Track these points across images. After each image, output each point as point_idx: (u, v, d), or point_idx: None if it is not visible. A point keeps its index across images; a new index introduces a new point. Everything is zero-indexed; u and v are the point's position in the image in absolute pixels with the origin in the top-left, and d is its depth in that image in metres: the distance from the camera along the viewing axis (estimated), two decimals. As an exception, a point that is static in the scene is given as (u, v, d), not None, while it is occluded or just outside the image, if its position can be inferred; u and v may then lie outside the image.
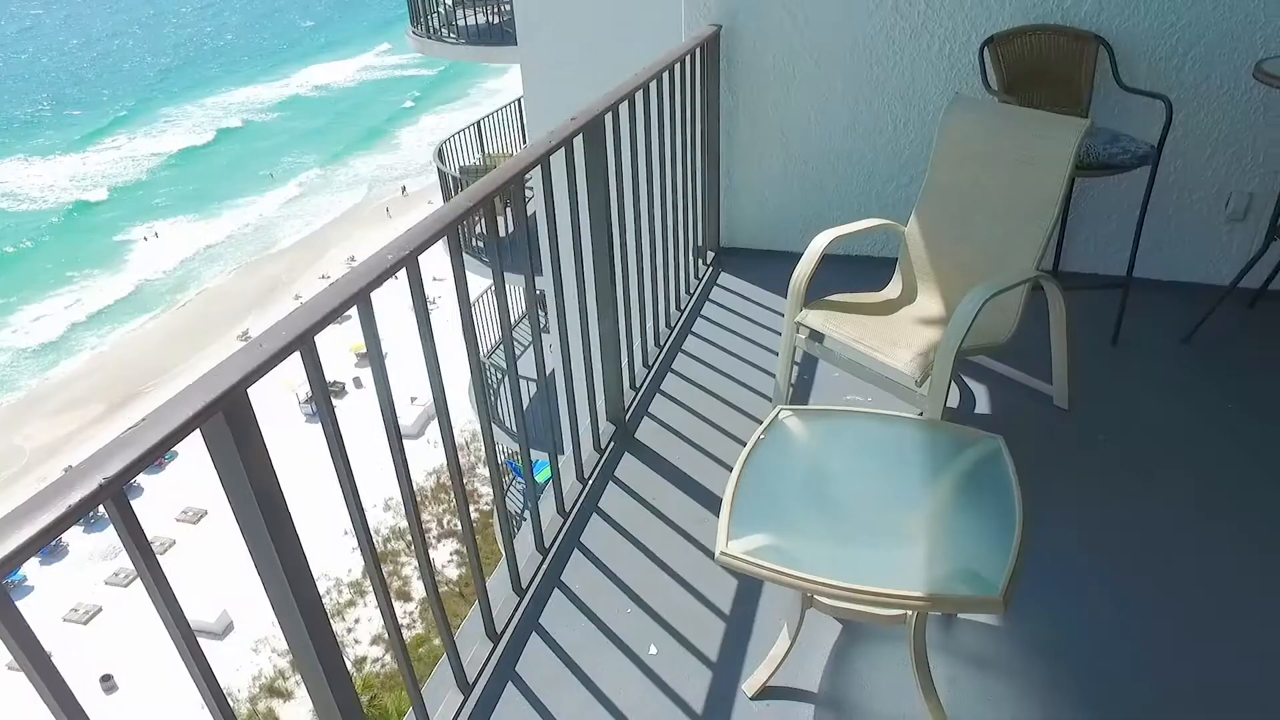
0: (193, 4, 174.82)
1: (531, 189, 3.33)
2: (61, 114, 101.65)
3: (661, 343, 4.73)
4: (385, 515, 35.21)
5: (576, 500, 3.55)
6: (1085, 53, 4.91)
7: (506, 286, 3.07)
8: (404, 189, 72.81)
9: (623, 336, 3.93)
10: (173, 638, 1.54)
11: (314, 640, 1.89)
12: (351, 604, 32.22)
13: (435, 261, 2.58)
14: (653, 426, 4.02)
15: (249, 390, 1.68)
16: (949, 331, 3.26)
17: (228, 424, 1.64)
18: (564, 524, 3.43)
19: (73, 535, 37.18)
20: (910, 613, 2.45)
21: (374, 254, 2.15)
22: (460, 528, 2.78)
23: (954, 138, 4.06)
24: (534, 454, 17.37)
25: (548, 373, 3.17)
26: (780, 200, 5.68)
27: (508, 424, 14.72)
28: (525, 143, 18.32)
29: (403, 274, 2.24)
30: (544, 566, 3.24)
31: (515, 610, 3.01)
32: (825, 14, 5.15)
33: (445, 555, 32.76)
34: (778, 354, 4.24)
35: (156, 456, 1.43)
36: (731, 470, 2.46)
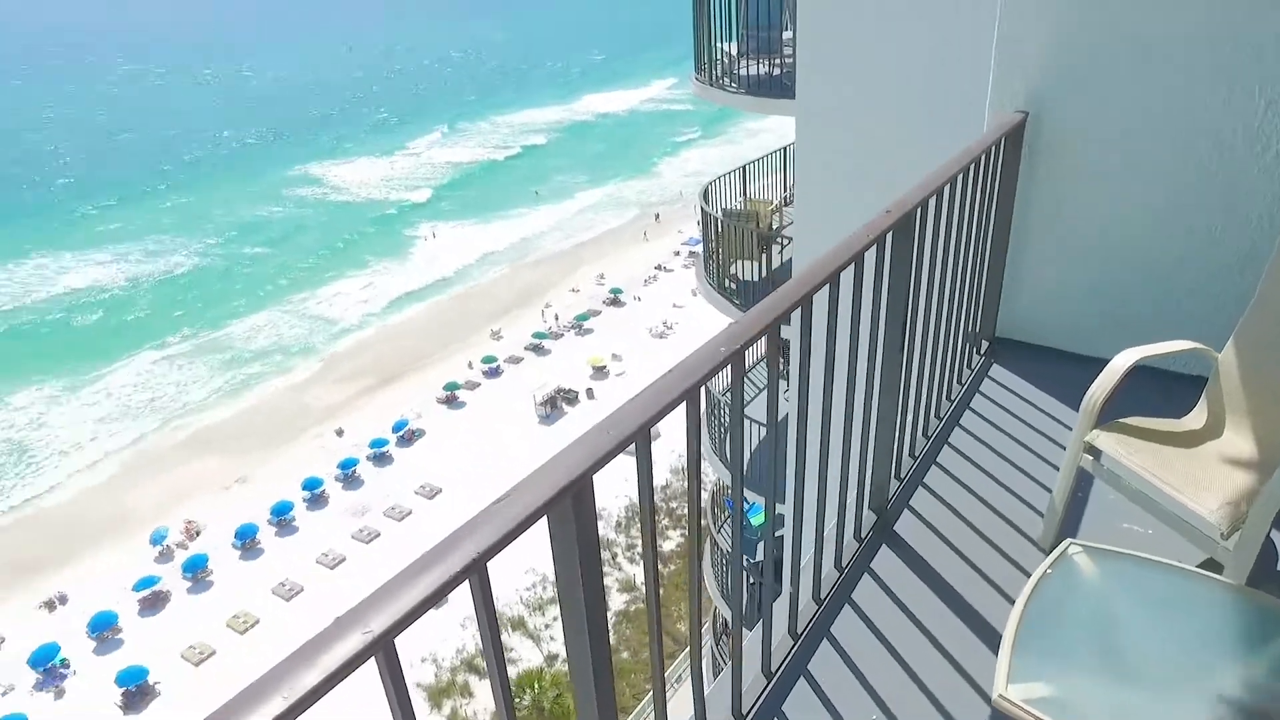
0: (504, 35, 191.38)
1: (787, 236, 3.26)
2: (378, 122, 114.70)
3: (929, 433, 4.50)
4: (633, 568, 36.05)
5: (832, 587, 3.45)
6: None
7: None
8: (657, 216, 75.50)
9: (896, 421, 3.79)
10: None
11: (599, 698, 1.96)
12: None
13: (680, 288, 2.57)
14: (914, 523, 3.82)
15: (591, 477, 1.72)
16: (1273, 483, 2.87)
17: (572, 507, 1.70)
18: (817, 610, 3.33)
19: (333, 489, 41.47)
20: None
21: (705, 344, 2.14)
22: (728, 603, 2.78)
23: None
24: (750, 496, 17.19)
25: (815, 448, 3.00)
26: (1071, 297, 5.26)
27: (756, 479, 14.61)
28: (789, 191, 18.34)
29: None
30: (794, 651, 3.12)
31: (762, 693, 2.93)
32: (1147, 106, 4.74)
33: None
34: (1053, 464, 3.92)
35: (519, 533, 1.52)
36: (997, 590, 2.27)
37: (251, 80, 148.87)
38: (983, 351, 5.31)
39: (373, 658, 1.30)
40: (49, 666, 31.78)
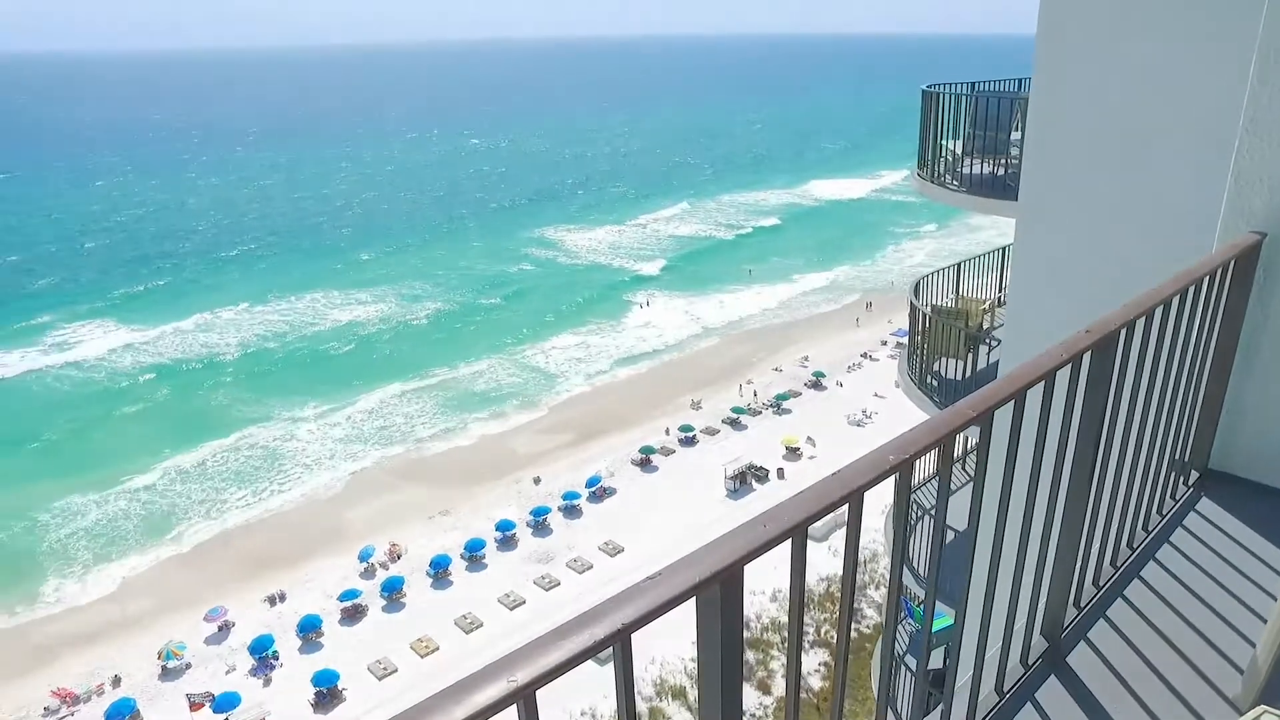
0: (740, 120, 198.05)
1: (996, 339, 3.13)
2: (617, 194, 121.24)
3: (1118, 563, 4.10)
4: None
5: (990, 712, 3.19)
6: None
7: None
8: (869, 304, 74.04)
9: (1079, 554, 3.46)
10: None
11: None
12: None
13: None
14: (1090, 657, 3.46)
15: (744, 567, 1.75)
16: None
17: (720, 595, 1.70)
18: None
19: (524, 533, 43.11)
20: None
21: (873, 453, 2.11)
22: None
23: None
24: (920, 596, 16.13)
25: (987, 560, 2.86)
26: (1305, 437, 4.67)
27: (921, 569, 13.92)
28: (1003, 292, 17.46)
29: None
30: None
31: None
32: None
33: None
34: (1260, 616, 3.47)
35: (662, 613, 1.55)
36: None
37: (512, 149, 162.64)
38: (1190, 483, 4.78)
39: (514, 705, 1.37)
40: (263, 656, 34.83)
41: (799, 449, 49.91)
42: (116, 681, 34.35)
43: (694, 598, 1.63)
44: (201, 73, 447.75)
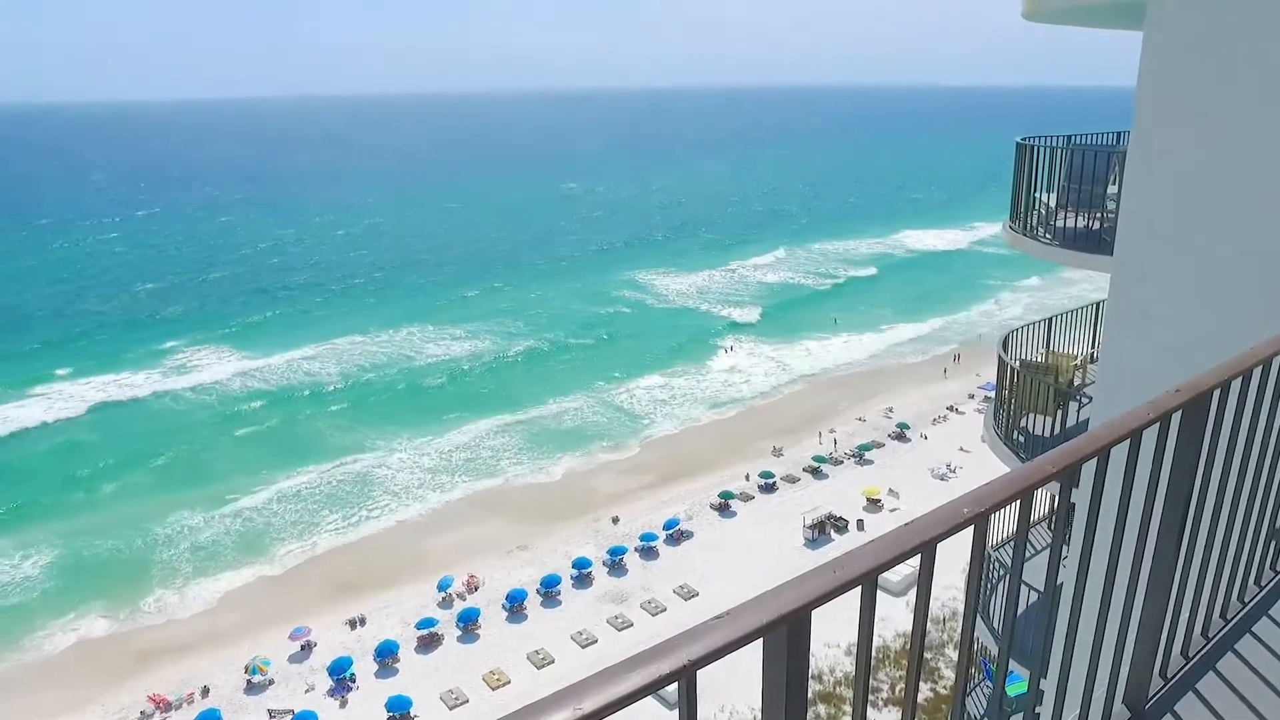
0: (836, 169, 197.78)
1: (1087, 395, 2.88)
2: (708, 241, 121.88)
3: (1210, 634, 3.67)
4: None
5: None
6: None
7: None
8: (957, 356, 71.84)
9: (1166, 620, 3.21)
10: None
11: None
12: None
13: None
14: None
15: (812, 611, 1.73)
16: None
17: (787, 638, 1.69)
18: None
19: (599, 572, 42.80)
20: None
21: (947, 505, 2.05)
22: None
23: None
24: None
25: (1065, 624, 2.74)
26: None
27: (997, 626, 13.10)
28: (1096, 348, 16.58)
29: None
30: None
31: None
32: None
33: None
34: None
35: (729, 651, 1.55)
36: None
37: (608, 194, 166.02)
38: (1291, 556, 4.24)
39: None
40: (341, 677, 35.33)
41: (880, 501, 48.37)
42: (205, 692, 35.38)
43: (761, 639, 1.64)
44: (322, 119, 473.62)
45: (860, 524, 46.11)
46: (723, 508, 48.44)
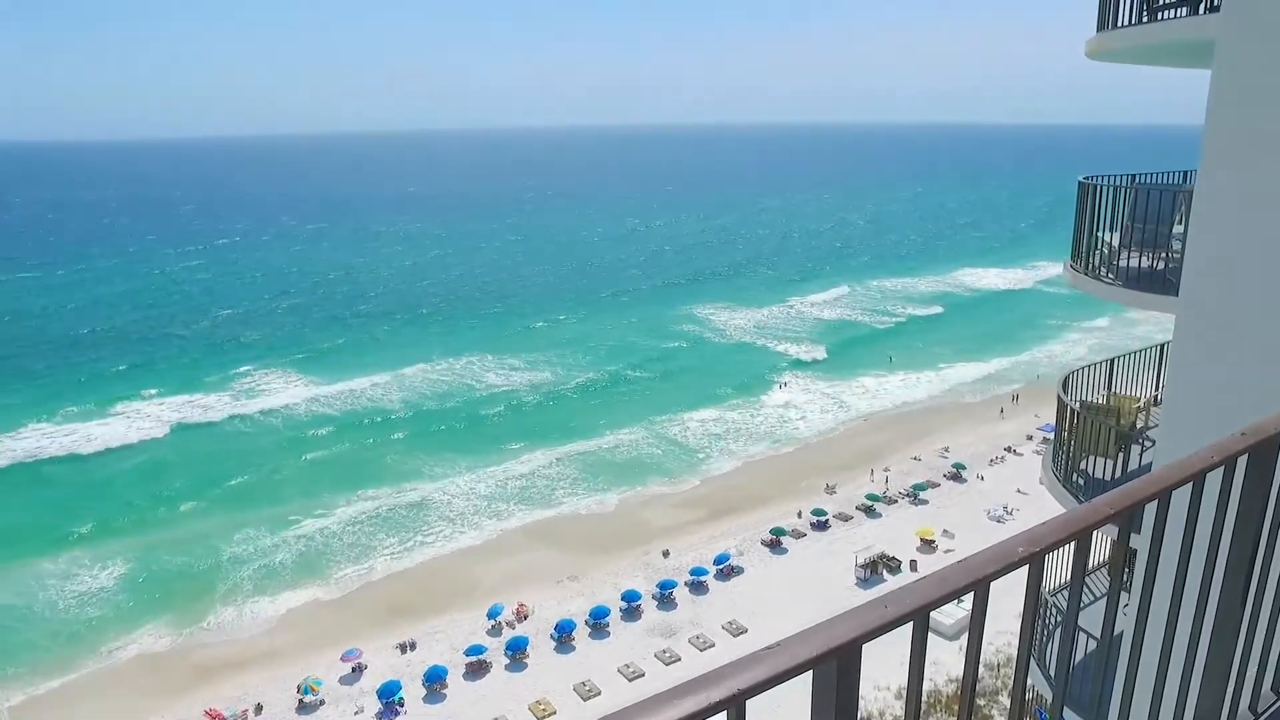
0: (901, 207, 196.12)
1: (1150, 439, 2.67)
2: (768, 278, 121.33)
3: None
4: None
5: None
6: None
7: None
8: (1016, 396, 69.83)
9: (1231, 673, 3.05)
10: None
11: None
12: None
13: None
14: None
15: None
16: None
17: (836, 671, 1.66)
18: None
19: (648, 606, 42.22)
20: None
21: (1002, 543, 1.99)
22: None
23: None
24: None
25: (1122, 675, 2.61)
26: None
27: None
28: (1160, 391, 15.91)
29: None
30: None
31: None
32: None
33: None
34: None
35: (780, 681, 1.53)
36: None
37: (672, 228, 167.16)
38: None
39: None
40: (389, 701, 35.32)
41: (934, 541, 46.98)
42: (259, 709, 35.74)
43: (810, 671, 1.62)
44: (395, 154, 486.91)
45: (914, 565, 44.83)
46: (774, 544, 47.59)
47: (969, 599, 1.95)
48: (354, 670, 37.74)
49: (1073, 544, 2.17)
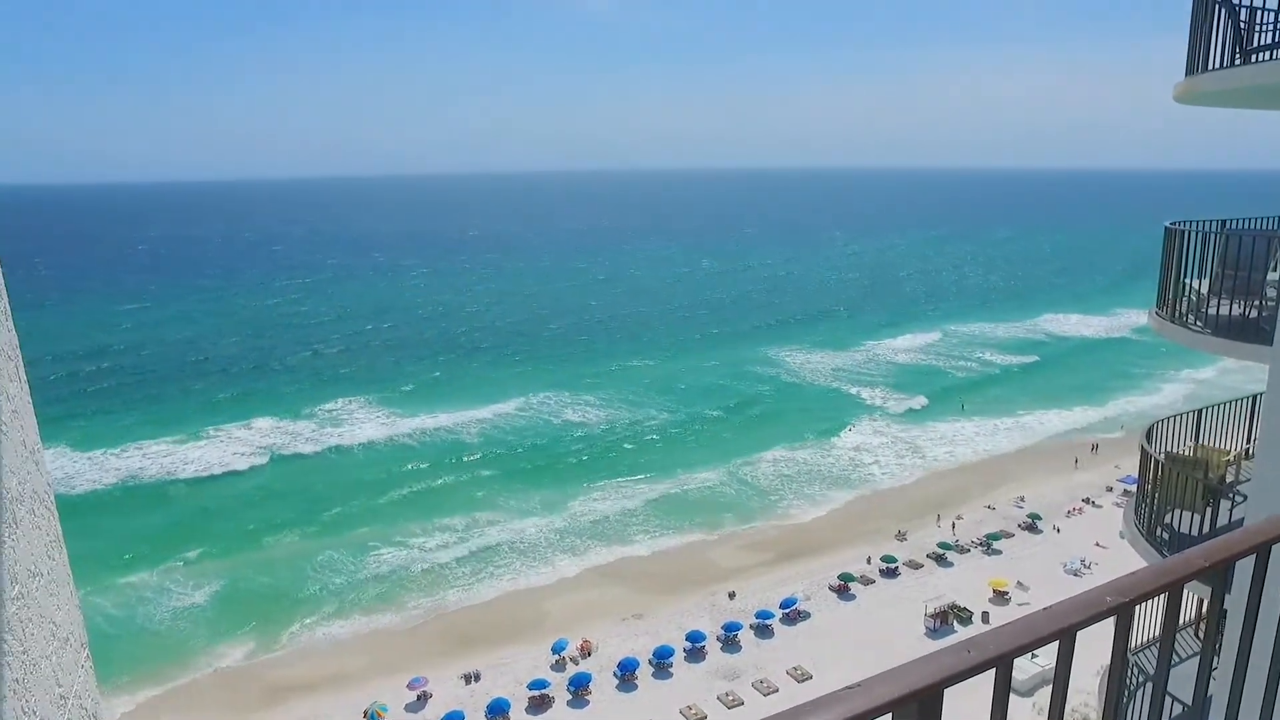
0: (989, 252, 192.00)
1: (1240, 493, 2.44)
2: (843, 320, 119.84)
3: None
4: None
5: None
6: None
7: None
8: (1095, 446, 66.75)
9: None
10: None
11: None
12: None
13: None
14: None
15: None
16: None
17: (918, 714, 1.60)
18: None
19: (712, 647, 41.24)
20: None
21: (1089, 591, 1.90)
22: None
23: None
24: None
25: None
26: None
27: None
28: (1252, 443, 14.93)
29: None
30: None
31: None
32: None
33: None
34: None
35: None
36: None
37: (749, 273, 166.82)
38: None
39: None
40: (454, 731, 35.31)
41: (1008, 593, 44.82)
42: (329, 732, 36.10)
43: (890, 714, 1.56)
44: (483, 194, 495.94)
45: (985, 616, 42.82)
46: (842, 590, 46.14)
47: (1044, 653, 1.83)
48: (419, 698, 37.76)
49: (1164, 596, 2.06)
